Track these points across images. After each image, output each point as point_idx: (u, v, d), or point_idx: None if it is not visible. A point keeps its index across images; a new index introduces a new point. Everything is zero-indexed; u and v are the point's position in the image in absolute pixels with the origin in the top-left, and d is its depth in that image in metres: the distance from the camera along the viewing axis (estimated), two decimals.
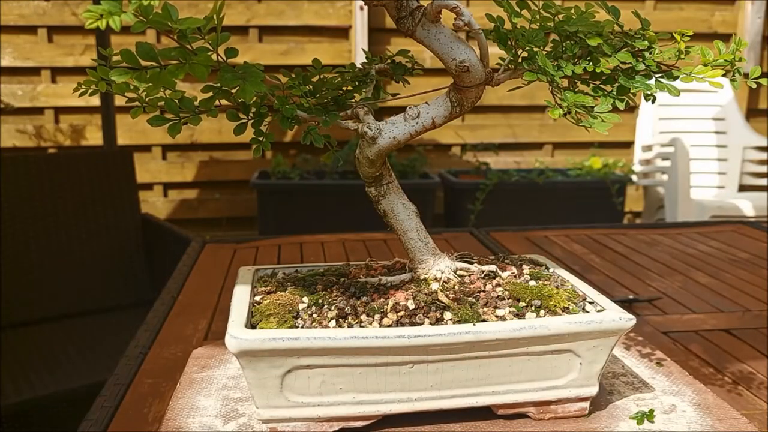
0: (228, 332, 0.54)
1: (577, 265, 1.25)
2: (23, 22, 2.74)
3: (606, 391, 0.67)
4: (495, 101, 3.04)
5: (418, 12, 0.55)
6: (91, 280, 1.88)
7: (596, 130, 0.52)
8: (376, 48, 2.91)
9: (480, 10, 0.72)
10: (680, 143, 2.71)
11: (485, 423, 0.61)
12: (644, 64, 0.55)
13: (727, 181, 3.02)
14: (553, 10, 0.56)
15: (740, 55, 0.54)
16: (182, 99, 0.55)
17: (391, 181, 0.65)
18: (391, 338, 0.54)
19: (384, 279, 0.63)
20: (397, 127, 0.60)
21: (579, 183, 2.90)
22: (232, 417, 0.62)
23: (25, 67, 2.78)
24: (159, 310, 0.98)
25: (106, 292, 1.89)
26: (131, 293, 1.91)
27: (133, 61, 0.47)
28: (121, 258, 1.91)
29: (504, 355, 0.57)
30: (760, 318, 0.98)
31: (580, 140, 3.17)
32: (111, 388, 0.73)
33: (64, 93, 2.79)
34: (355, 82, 0.66)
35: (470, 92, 0.59)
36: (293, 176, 2.71)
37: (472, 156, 3.12)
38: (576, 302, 0.61)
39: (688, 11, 3.16)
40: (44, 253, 1.81)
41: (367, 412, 0.58)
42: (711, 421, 0.62)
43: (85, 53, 2.78)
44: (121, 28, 0.39)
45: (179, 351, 0.82)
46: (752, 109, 3.27)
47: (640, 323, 0.94)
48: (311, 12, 2.91)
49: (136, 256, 1.93)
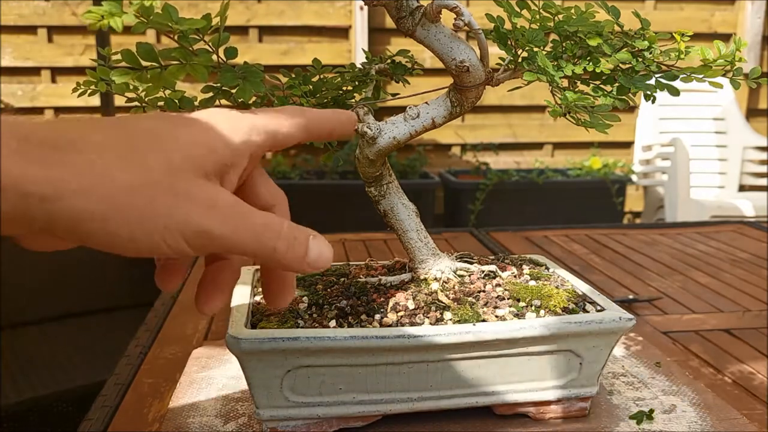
0: (228, 332, 0.54)
1: (577, 265, 1.25)
2: (23, 22, 2.74)
3: (606, 391, 0.67)
4: (495, 101, 3.04)
5: (418, 12, 0.55)
6: (91, 280, 1.87)
7: (596, 130, 0.52)
8: (376, 48, 2.91)
9: (480, 10, 0.72)
10: (680, 143, 2.71)
11: (485, 423, 0.61)
12: (644, 64, 0.55)
13: (727, 181, 3.02)
14: (553, 10, 0.56)
15: (740, 55, 0.54)
16: (182, 99, 0.55)
17: (391, 181, 0.65)
18: (391, 338, 0.54)
19: (384, 279, 0.63)
20: (397, 127, 0.60)
21: (579, 183, 2.90)
22: (232, 417, 0.62)
23: (25, 67, 2.78)
24: (159, 310, 0.98)
25: (106, 292, 1.89)
26: (131, 293, 1.91)
27: (134, 61, 0.47)
28: (121, 258, 1.91)
29: (504, 355, 0.57)
30: (760, 318, 0.98)
31: (580, 140, 3.17)
32: (111, 388, 0.73)
33: (64, 93, 2.79)
34: (355, 82, 0.66)
35: (470, 92, 0.59)
36: (293, 176, 2.71)
37: (472, 156, 3.12)
38: (576, 302, 0.61)
39: (688, 11, 3.17)
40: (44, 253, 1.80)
41: (367, 412, 0.58)
42: (711, 421, 0.62)
43: (85, 53, 2.78)
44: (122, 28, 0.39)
45: (179, 351, 0.82)
46: (752, 109, 3.27)
47: (640, 323, 0.94)
48: (311, 12, 2.91)
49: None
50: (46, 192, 0.31)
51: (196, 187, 0.35)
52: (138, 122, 0.36)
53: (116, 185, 0.32)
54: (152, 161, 0.34)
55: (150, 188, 0.33)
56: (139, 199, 0.33)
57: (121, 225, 0.33)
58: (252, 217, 0.37)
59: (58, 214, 0.31)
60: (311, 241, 0.39)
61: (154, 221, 0.34)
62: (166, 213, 0.34)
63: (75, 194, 0.31)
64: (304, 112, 0.43)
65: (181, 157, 0.35)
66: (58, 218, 0.31)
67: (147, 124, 0.36)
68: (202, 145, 0.36)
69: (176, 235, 0.34)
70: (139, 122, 0.36)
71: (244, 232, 0.36)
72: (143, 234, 0.34)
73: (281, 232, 0.38)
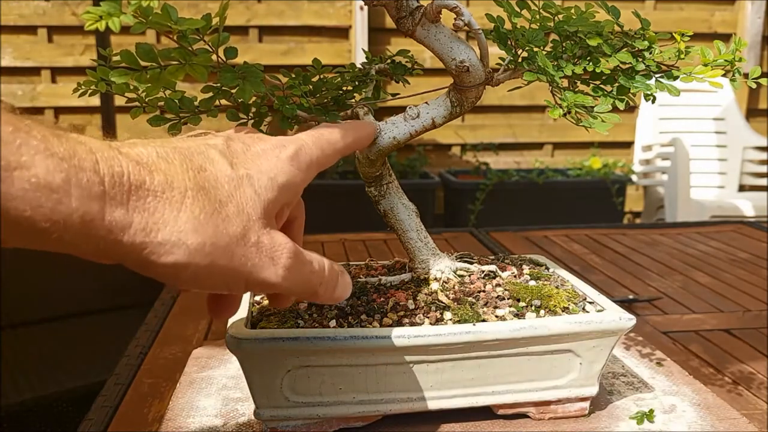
0: (228, 332, 0.54)
1: (577, 265, 1.25)
2: (23, 22, 2.74)
3: (606, 391, 0.67)
4: (495, 101, 3.04)
5: (418, 12, 0.55)
6: (91, 280, 1.87)
7: (596, 130, 0.52)
8: (376, 48, 2.91)
9: (480, 10, 0.72)
10: (680, 143, 2.71)
11: (485, 423, 0.61)
12: (644, 64, 0.55)
13: (727, 181, 3.02)
14: (553, 10, 0.56)
15: (740, 55, 0.54)
16: (182, 99, 0.55)
17: (391, 181, 0.65)
18: (391, 338, 0.54)
19: (384, 279, 0.63)
20: (397, 127, 0.60)
21: (579, 183, 2.90)
22: (232, 417, 0.62)
23: (25, 67, 2.78)
24: (159, 310, 0.98)
25: (106, 292, 1.89)
26: (131, 293, 1.91)
27: (133, 61, 0.47)
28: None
29: (504, 355, 0.57)
30: (760, 318, 0.98)
31: (580, 140, 3.17)
32: (111, 388, 0.73)
33: (64, 93, 2.80)
34: (355, 82, 0.66)
35: (470, 92, 0.59)
36: None
37: (472, 156, 3.12)
38: (576, 302, 0.61)
39: (688, 11, 3.17)
40: (44, 253, 1.80)
41: (367, 412, 0.58)
42: (711, 421, 0.62)
43: (85, 53, 2.78)
44: (121, 28, 0.39)
45: (179, 351, 0.82)
46: (752, 109, 3.27)
47: (640, 323, 0.94)
48: (311, 12, 2.90)
49: None
50: (135, 240, 0.33)
51: (264, 235, 0.37)
52: (217, 168, 0.37)
53: (203, 240, 0.34)
54: (231, 212, 0.36)
55: (230, 244, 0.35)
56: (221, 257, 0.35)
57: (202, 277, 0.35)
58: (305, 268, 0.40)
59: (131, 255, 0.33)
60: (340, 278, 0.44)
61: (231, 273, 0.36)
62: (240, 265, 0.36)
63: (159, 246, 0.33)
64: (344, 138, 0.46)
65: (253, 207, 0.37)
66: (129, 259, 0.34)
67: (225, 172, 0.37)
68: (272, 193, 0.38)
69: (241, 282, 0.37)
70: (218, 168, 0.37)
71: (299, 283, 0.40)
72: (219, 283, 0.36)
73: (324, 277, 0.42)
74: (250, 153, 0.39)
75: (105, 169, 0.31)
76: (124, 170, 0.32)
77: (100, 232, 0.31)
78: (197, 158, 0.36)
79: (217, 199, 0.35)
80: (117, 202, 0.31)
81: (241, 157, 0.39)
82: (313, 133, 0.45)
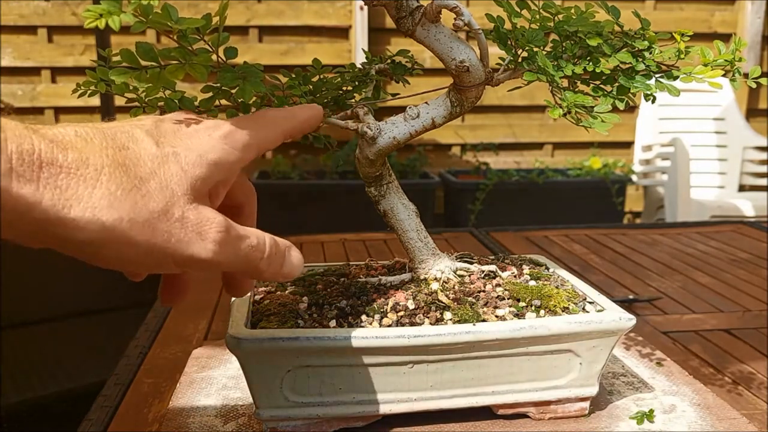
0: (228, 332, 0.54)
1: (577, 265, 1.25)
2: (23, 22, 2.74)
3: (606, 391, 0.67)
4: (495, 101, 3.04)
5: (418, 12, 0.55)
6: (91, 280, 1.87)
7: (596, 130, 0.52)
8: (376, 48, 2.91)
9: (480, 10, 0.72)
10: (680, 143, 2.71)
11: (485, 423, 0.61)
12: (644, 64, 0.55)
13: (727, 181, 3.02)
14: (553, 10, 0.56)
15: (740, 55, 0.54)
16: (182, 99, 0.55)
17: (391, 181, 0.65)
18: (391, 338, 0.54)
19: (384, 279, 0.63)
20: (396, 127, 0.60)
21: (579, 183, 2.90)
22: (232, 417, 0.62)
23: (25, 67, 2.78)
24: (159, 310, 0.98)
25: (106, 292, 1.89)
26: (131, 293, 1.91)
27: (133, 61, 0.47)
28: None
29: (504, 355, 0.57)
30: (760, 318, 0.98)
31: (580, 140, 3.17)
32: (111, 388, 0.73)
33: (64, 93, 2.79)
34: (355, 82, 0.66)
35: (470, 92, 0.59)
36: (293, 176, 2.71)
37: (472, 156, 3.12)
38: (576, 302, 0.61)
39: (688, 11, 3.16)
40: (44, 253, 1.81)
41: (367, 412, 0.58)
42: (711, 421, 0.62)
43: (85, 53, 2.78)
44: (121, 27, 0.39)
45: (179, 351, 0.82)
46: (752, 109, 3.27)
47: (640, 323, 0.94)
48: (311, 12, 2.90)
49: None
50: (49, 217, 0.32)
51: (190, 210, 0.37)
52: (140, 146, 0.37)
53: (120, 215, 0.34)
54: (153, 188, 0.35)
55: (150, 220, 0.35)
56: (140, 232, 0.35)
57: (127, 255, 0.35)
58: (241, 243, 0.39)
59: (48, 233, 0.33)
60: (288, 254, 0.44)
61: (155, 249, 0.36)
62: (164, 241, 0.36)
63: (72, 221, 0.33)
64: (287, 119, 0.46)
65: (178, 183, 0.37)
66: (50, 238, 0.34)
67: (149, 150, 0.37)
68: (199, 170, 0.38)
69: (168, 259, 0.36)
70: (142, 146, 0.37)
71: (236, 259, 0.39)
72: (146, 261, 0.36)
73: (265, 251, 0.41)
74: (181, 133, 0.39)
75: (13, 147, 0.31)
76: (35, 147, 0.32)
77: (15, 208, 0.31)
78: (120, 137, 0.36)
79: (137, 176, 0.35)
80: (25, 179, 0.31)
81: (169, 136, 0.38)
82: (255, 115, 0.45)
